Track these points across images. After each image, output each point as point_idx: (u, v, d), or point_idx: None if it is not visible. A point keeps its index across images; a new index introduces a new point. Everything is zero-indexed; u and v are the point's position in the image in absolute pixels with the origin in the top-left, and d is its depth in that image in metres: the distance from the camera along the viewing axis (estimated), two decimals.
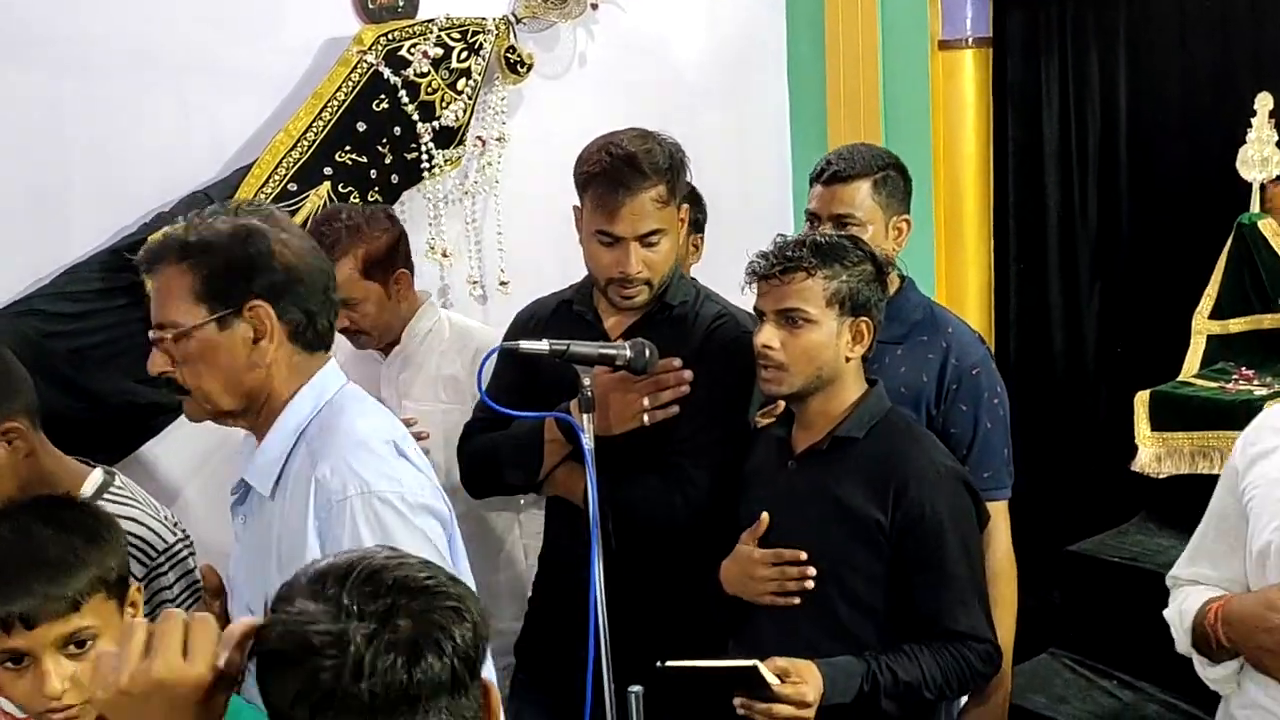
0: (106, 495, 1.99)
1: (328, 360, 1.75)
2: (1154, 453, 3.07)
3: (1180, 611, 1.92)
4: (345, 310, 2.51)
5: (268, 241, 1.66)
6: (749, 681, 1.90)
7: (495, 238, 3.34)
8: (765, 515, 2.09)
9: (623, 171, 2.16)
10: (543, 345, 2.02)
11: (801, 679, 1.91)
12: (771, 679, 1.88)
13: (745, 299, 2.35)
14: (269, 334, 1.66)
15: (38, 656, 1.51)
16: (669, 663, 1.89)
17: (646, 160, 2.17)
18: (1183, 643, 1.91)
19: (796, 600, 2.05)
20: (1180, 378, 3.17)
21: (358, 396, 1.76)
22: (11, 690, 1.53)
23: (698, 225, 2.95)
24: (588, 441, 1.96)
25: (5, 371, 1.97)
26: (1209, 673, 1.88)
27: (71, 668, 1.51)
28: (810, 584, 2.04)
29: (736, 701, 1.92)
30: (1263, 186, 3.12)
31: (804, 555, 2.05)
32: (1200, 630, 1.85)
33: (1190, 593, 1.93)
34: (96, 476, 2.01)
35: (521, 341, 2.08)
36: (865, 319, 2.08)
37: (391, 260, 2.64)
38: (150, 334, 1.70)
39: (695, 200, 2.87)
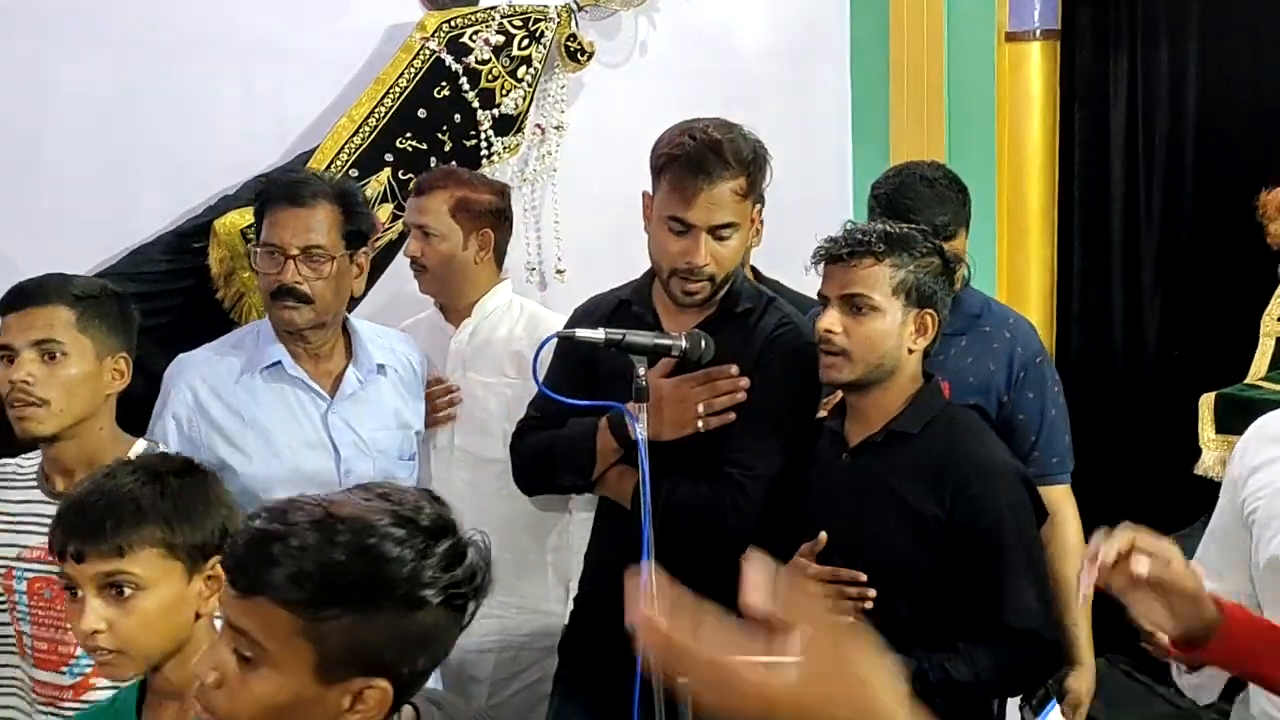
0: None
1: None
2: (1218, 456, 3.00)
3: None
4: (420, 240, 2.69)
5: None
6: None
7: (553, 226, 3.34)
8: (823, 535, 2.05)
9: (706, 157, 2.10)
10: (598, 334, 2.01)
11: None
12: None
13: (803, 285, 2.33)
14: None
15: (84, 591, 1.58)
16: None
17: (730, 149, 2.11)
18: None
19: (850, 619, 2.02)
20: (1248, 380, 3.10)
21: None
22: (70, 619, 1.62)
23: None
24: (641, 431, 1.95)
25: (130, 321, 2.12)
26: (1187, 680, 1.82)
27: (108, 612, 1.56)
28: (869, 604, 2.00)
29: None
30: None
31: (863, 577, 2.01)
32: None
33: None
34: (142, 444, 2.11)
35: (577, 329, 2.07)
36: (930, 311, 2.06)
37: (482, 216, 2.72)
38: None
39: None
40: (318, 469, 2.34)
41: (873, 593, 2.00)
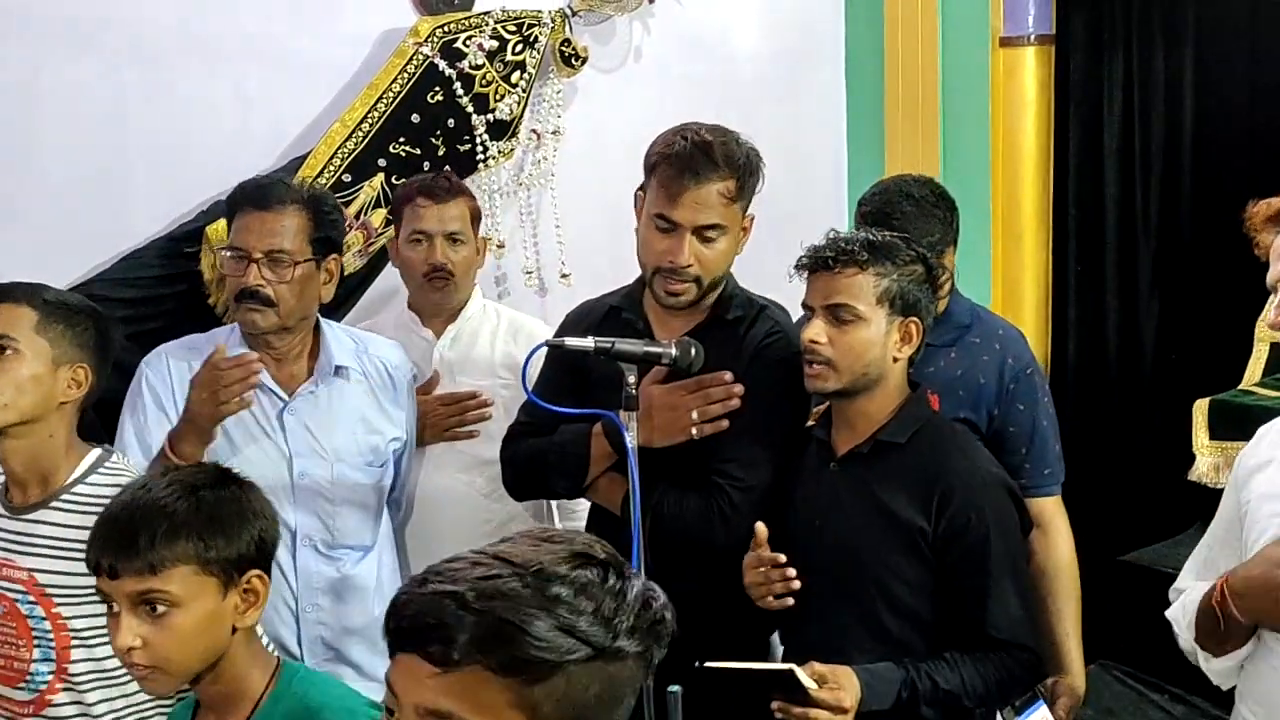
0: (102, 469, 2.04)
1: None
2: (1212, 462, 3.01)
3: (1184, 606, 1.91)
4: (449, 247, 2.70)
5: None
6: (786, 685, 1.89)
7: (553, 230, 3.34)
8: (761, 526, 2.06)
9: (695, 157, 2.11)
10: (588, 342, 2.00)
11: (839, 685, 1.90)
12: (809, 683, 1.88)
13: (792, 291, 2.33)
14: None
15: (119, 607, 1.57)
16: (707, 663, 1.88)
17: (721, 151, 2.12)
18: (1186, 640, 1.89)
19: (790, 601, 2.03)
20: (1241, 386, 3.10)
21: None
22: (110, 633, 1.61)
23: None
24: (630, 439, 1.95)
25: (106, 340, 2.10)
26: (1212, 665, 1.86)
27: (142, 628, 1.56)
28: (796, 584, 2.02)
29: (774, 705, 1.91)
30: None
31: (782, 558, 2.03)
32: (1207, 618, 1.82)
33: (1192, 589, 1.92)
34: (94, 453, 2.08)
35: (567, 338, 2.07)
36: (914, 319, 2.06)
37: (479, 224, 2.81)
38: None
39: None
40: (268, 470, 2.29)
41: (792, 572, 2.01)
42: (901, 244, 2.07)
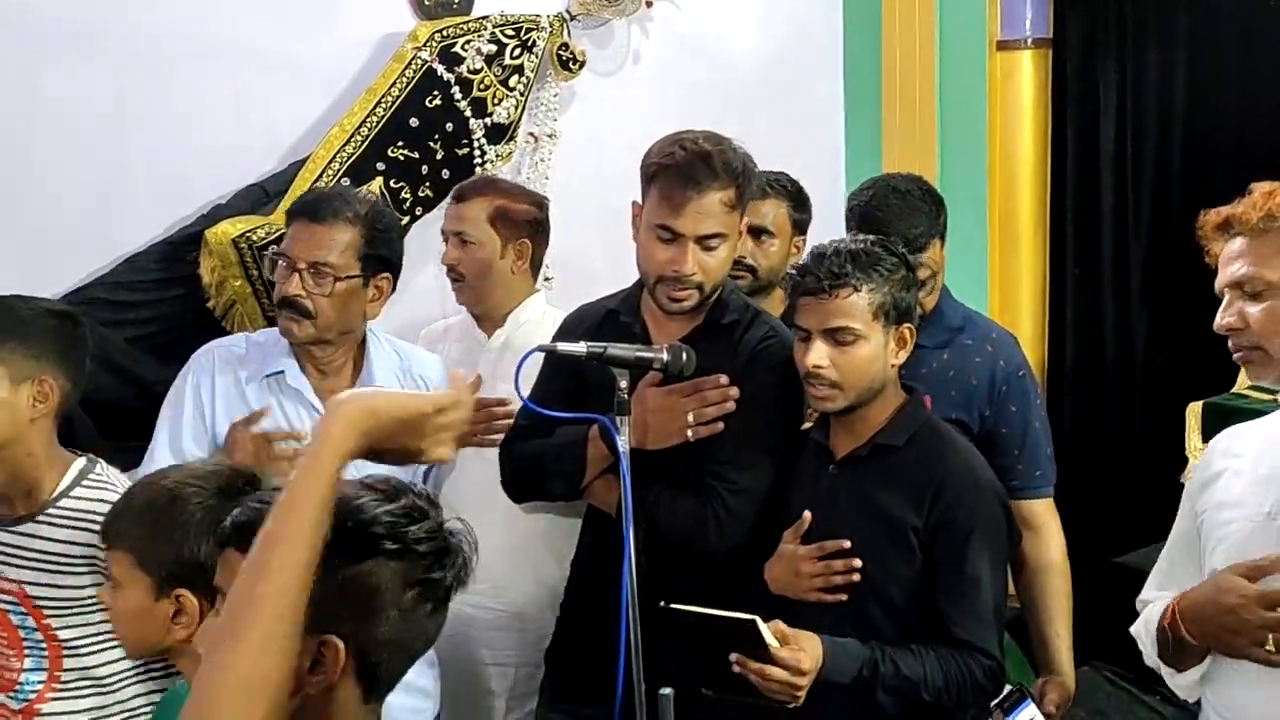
0: (85, 481, 2.04)
1: None
2: None
3: (1145, 622, 1.92)
4: (458, 247, 2.70)
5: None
6: (748, 638, 1.89)
7: None
8: (807, 514, 2.08)
9: (696, 167, 2.12)
10: (579, 347, 2.02)
11: (800, 647, 1.92)
12: (770, 640, 1.88)
13: None
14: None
15: None
16: (673, 605, 1.89)
17: (720, 160, 2.13)
18: (1150, 655, 1.90)
19: (844, 596, 2.04)
20: (1234, 389, 3.10)
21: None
22: None
23: (801, 227, 2.96)
24: (622, 444, 1.96)
25: (72, 343, 2.06)
26: (1177, 680, 1.88)
27: (105, 594, 1.73)
28: (857, 576, 2.03)
29: (733, 657, 1.91)
30: None
31: (847, 544, 2.03)
32: (1163, 636, 1.84)
33: (1154, 604, 1.93)
34: (78, 464, 2.06)
35: (559, 344, 2.09)
36: (907, 324, 2.09)
37: (520, 226, 2.73)
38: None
39: (800, 202, 2.93)
40: None
41: (858, 563, 2.03)
42: (882, 251, 2.08)
